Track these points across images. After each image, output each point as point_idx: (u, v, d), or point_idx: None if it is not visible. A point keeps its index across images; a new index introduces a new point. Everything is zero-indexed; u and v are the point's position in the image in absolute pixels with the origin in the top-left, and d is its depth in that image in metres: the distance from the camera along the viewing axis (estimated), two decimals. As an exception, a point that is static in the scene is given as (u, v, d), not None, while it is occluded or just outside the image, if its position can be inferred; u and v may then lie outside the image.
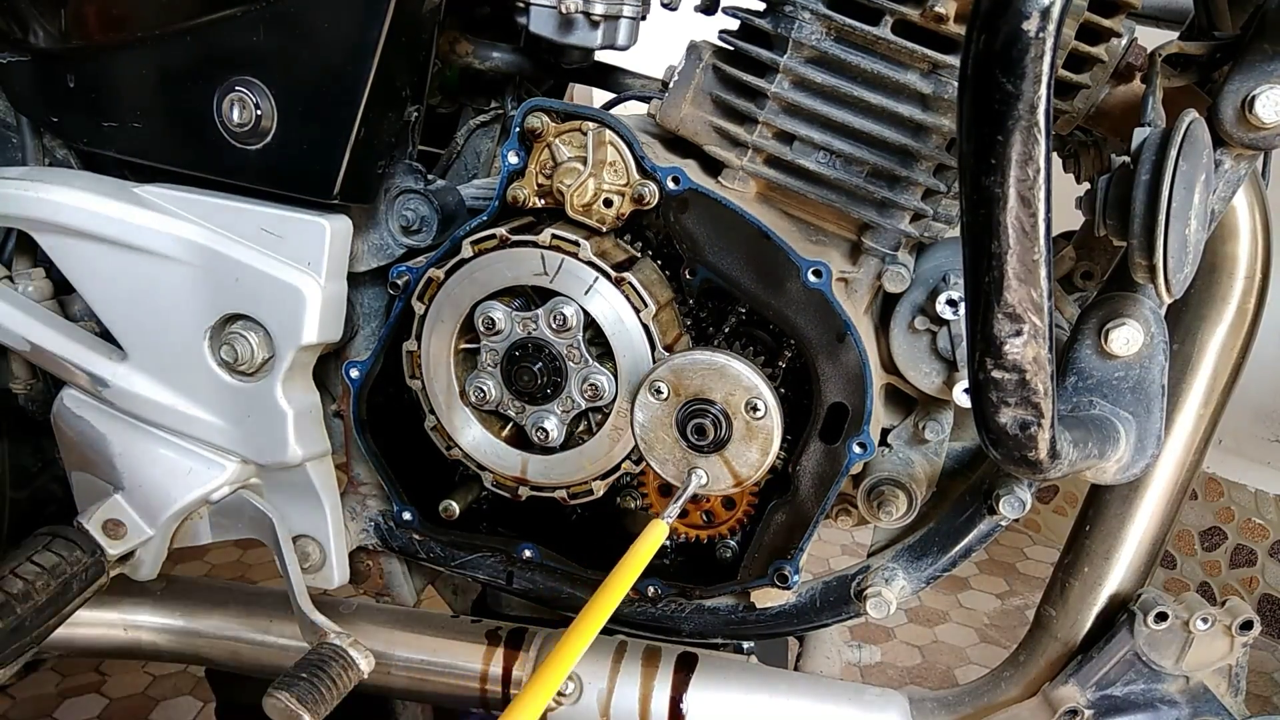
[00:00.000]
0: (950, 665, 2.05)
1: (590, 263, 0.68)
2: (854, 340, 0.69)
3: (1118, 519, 0.82)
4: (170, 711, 1.78)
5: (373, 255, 0.78)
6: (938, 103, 0.65)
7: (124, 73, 0.75)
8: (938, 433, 0.77)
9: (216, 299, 0.75)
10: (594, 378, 0.70)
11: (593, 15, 0.79)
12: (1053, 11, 0.43)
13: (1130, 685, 0.81)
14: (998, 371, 0.53)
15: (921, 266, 0.73)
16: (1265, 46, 0.60)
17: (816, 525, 0.74)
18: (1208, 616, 0.79)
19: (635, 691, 0.83)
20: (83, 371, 0.79)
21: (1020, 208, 0.47)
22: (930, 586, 0.81)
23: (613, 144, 0.69)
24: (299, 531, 0.83)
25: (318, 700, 0.72)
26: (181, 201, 0.75)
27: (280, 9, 0.69)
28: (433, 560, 0.86)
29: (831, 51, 0.66)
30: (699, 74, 0.71)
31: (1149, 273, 0.56)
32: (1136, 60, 0.68)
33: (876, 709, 0.84)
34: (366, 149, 0.72)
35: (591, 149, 0.69)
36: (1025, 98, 0.44)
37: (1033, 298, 0.50)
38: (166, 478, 0.81)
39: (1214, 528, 2.29)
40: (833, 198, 0.69)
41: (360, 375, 0.78)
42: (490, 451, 0.75)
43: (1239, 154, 0.64)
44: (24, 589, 0.75)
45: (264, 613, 0.92)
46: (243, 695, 1.10)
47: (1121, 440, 0.68)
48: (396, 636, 0.90)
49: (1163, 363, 0.68)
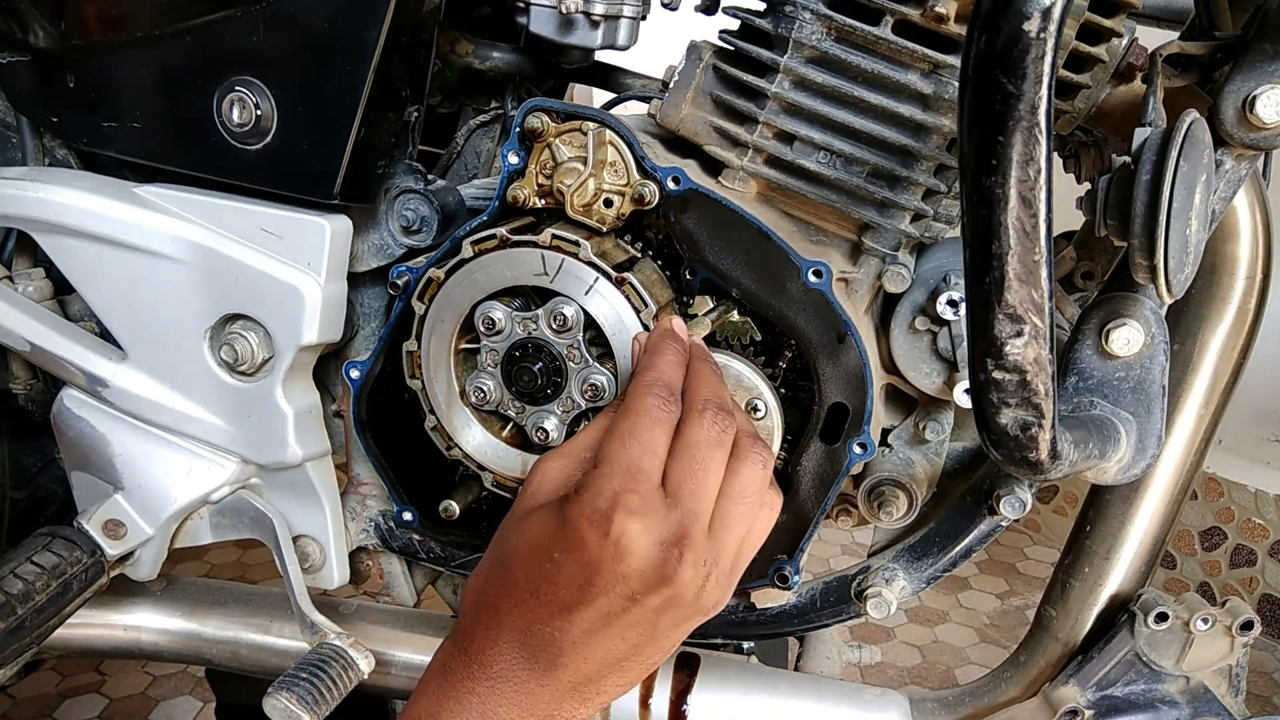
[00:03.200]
0: (950, 665, 2.05)
1: (590, 263, 0.68)
2: (854, 340, 0.69)
3: (1118, 519, 0.82)
4: (170, 711, 1.78)
5: (373, 255, 0.78)
6: (938, 103, 0.65)
7: (124, 73, 0.75)
8: (938, 433, 0.77)
9: (216, 299, 0.75)
10: (594, 378, 0.70)
11: (593, 15, 0.79)
12: (1054, 12, 0.43)
13: (1130, 685, 0.81)
14: (998, 372, 0.53)
15: (922, 267, 0.73)
16: (1266, 46, 0.60)
17: (817, 525, 0.74)
18: (1208, 617, 0.79)
19: (636, 691, 0.83)
20: (83, 371, 0.79)
21: (1021, 208, 0.47)
22: (930, 586, 0.81)
23: (613, 144, 0.69)
24: (299, 531, 0.83)
25: (318, 701, 0.72)
26: (181, 201, 0.75)
27: (280, 9, 0.69)
28: (433, 560, 0.86)
29: (832, 51, 0.66)
30: (699, 74, 0.71)
31: (1149, 273, 0.56)
32: (1137, 60, 0.68)
33: (876, 709, 0.84)
34: (366, 149, 0.72)
35: (592, 149, 0.69)
36: (1026, 98, 0.44)
37: (1034, 298, 0.49)
38: (166, 478, 0.81)
39: (1214, 528, 2.29)
40: (833, 198, 0.69)
41: (360, 375, 0.78)
42: (490, 451, 0.75)
43: (1240, 154, 0.64)
44: (24, 589, 0.75)
45: (264, 613, 0.92)
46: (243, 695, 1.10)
47: (1122, 440, 0.68)
48: (396, 636, 0.90)
49: (1163, 363, 0.68)
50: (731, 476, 0.58)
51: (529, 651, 0.56)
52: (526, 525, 0.58)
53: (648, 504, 0.55)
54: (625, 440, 0.57)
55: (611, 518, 0.54)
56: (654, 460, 0.56)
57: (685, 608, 0.57)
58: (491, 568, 0.59)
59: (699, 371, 0.63)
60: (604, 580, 0.54)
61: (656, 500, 0.55)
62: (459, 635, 0.59)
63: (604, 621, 0.55)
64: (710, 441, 0.58)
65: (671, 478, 0.57)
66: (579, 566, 0.55)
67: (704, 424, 0.58)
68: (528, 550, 0.57)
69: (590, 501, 0.55)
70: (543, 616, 0.56)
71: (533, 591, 0.56)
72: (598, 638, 0.56)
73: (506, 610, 0.57)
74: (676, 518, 0.55)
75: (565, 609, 0.55)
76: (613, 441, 0.57)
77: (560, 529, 0.55)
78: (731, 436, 0.59)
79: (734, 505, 0.58)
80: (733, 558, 0.58)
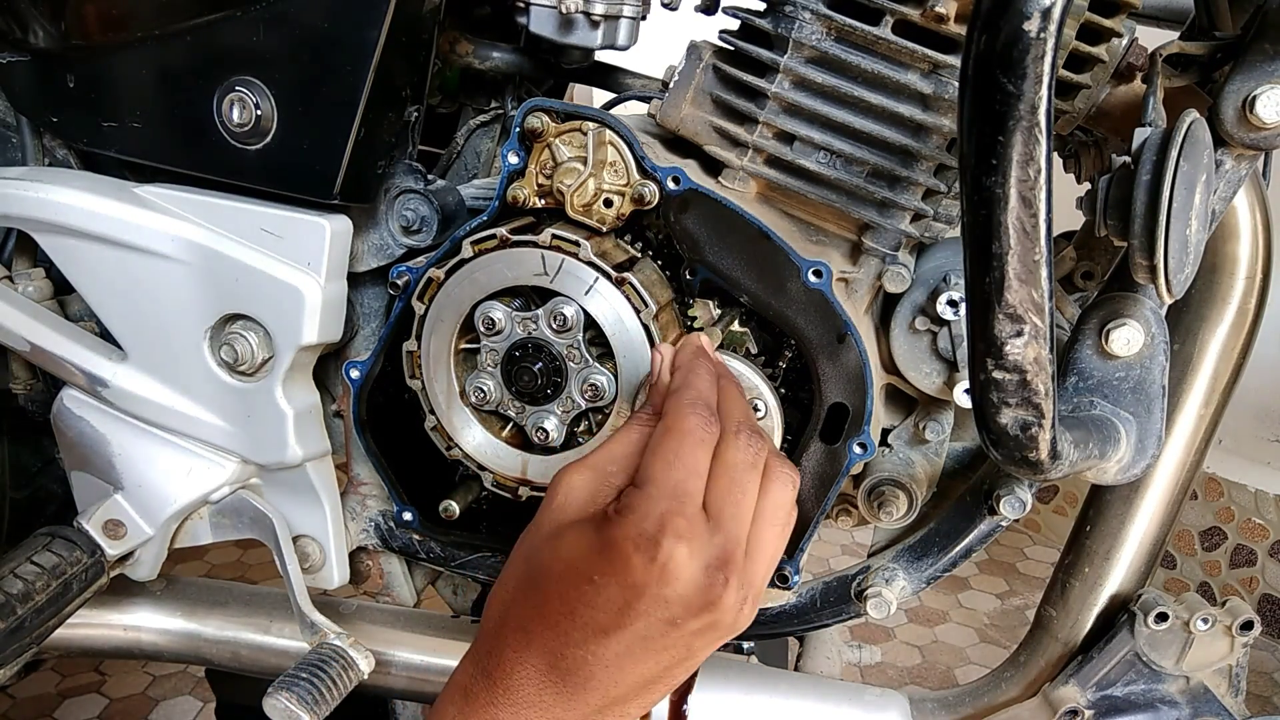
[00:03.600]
0: (950, 665, 2.05)
1: (590, 263, 0.68)
2: (854, 340, 0.69)
3: (1118, 519, 0.82)
4: (170, 711, 1.78)
5: (373, 255, 0.78)
6: (938, 103, 0.65)
7: (124, 73, 0.75)
8: (938, 433, 0.77)
9: (216, 299, 0.75)
10: (594, 378, 0.70)
11: (593, 15, 0.79)
12: (1054, 12, 0.43)
13: (1131, 685, 0.81)
14: (998, 372, 0.53)
15: (922, 267, 0.73)
16: (1266, 46, 0.60)
17: (817, 525, 0.74)
18: (1208, 617, 0.79)
19: (635, 692, 0.83)
20: (83, 371, 0.79)
21: (1021, 208, 0.47)
22: (930, 586, 0.81)
23: (613, 144, 0.69)
24: (299, 531, 0.83)
25: (318, 701, 0.72)
26: (181, 201, 0.75)
27: (280, 9, 0.69)
28: (433, 560, 0.86)
29: (832, 51, 0.66)
30: (699, 74, 0.71)
31: (1150, 273, 0.56)
32: (1137, 60, 0.68)
33: (876, 709, 0.84)
34: (366, 149, 0.72)
35: (592, 149, 0.69)
36: (1026, 98, 0.44)
37: (1034, 298, 0.49)
38: (166, 478, 0.81)
39: (1214, 528, 2.29)
40: (833, 198, 0.69)
41: (360, 375, 0.78)
42: (490, 452, 0.75)
43: (1240, 154, 0.64)
44: (24, 589, 0.75)
45: (264, 613, 0.92)
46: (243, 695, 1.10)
47: (1122, 440, 0.68)
48: (396, 636, 0.90)
49: (1163, 363, 0.68)
50: (764, 497, 0.58)
51: (559, 675, 0.55)
52: (560, 544, 0.56)
53: (694, 528, 0.53)
54: (670, 461, 0.55)
55: (659, 541, 0.52)
56: (698, 482, 0.55)
57: (723, 630, 0.56)
58: (519, 585, 0.57)
59: (729, 391, 0.62)
60: (646, 604, 0.53)
61: (701, 524, 0.54)
62: (481, 656, 0.57)
63: (641, 645, 0.54)
64: (747, 464, 0.57)
65: (712, 501, 0.55)
66: (620, 589, 0.53)
67: (740, 445, 0.57)
68: (563, 570, 0.55)
69: (637, 524, 0.53)
70: (577, 640, 0.54)
71: (568, 614, 0.54)
72: (631, 661, 0.55)
73: (538, 632, 0.55)
74: (720, 542, 0.54)
75: (602, 632, 0.54)
76: (657, 461, 0.55)
77: (601, 551, 0.54)
78: (764, 457, 0.58)
79: (768, 527, 0.57)
80: (764, 579, 0.58)
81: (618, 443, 0.60)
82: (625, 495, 0.55)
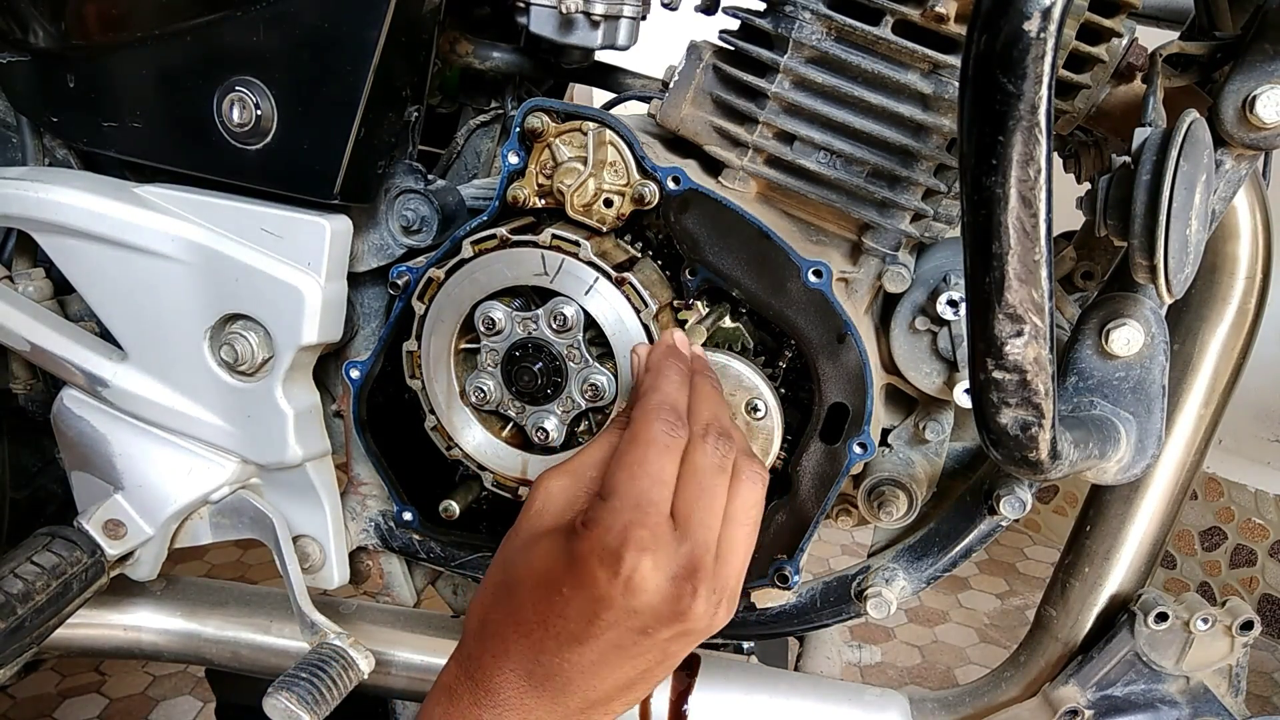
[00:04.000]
0: (950, 665, 2.05)
1: (590, 263, 0.68)
2: (854, 340, 0.69)
3: (1118, 519, 0.82)
4: (170, 711, 1.78)
5: (373, 255, 0.78)
6: (938, 103, 0.65)
7: (124, 72, 0.75)
8: (938, 433, 0.77)
9: (216, 299, 0.75)
10: (594, 378, 0.70)
11: (593, 15, 0.79)
12: (1054, 11, 0.43)
13: (1131, 685, 0.81)
14: (998, 372, 0.53)
15: (922, 267, 0.73)
16: (1266, 46, 0.60)
17: (817, 525, 0.74)
18: (1208, 617, 0.79)
19: (635, 692, 0.83)
20: (83, 371, 0.79)
21: (1021, 208, 0.47)
22: (930, 586, 0.81)
23: (613, 144, 0.69)
24: (299, 531, 0.83)
25: (318, 701, 0.72)
26: (181, 201, 0.75)
27: (280, 9, 0.69)
28: (433, 560, 0.86)
29: (832, 51, 0.66)
30: (699, 74, 0.71)
31: (1150, 273, 0.56)
32: (1137, 60, 0.68)
33: (876, 709, 0.84)
34: (367, 149, 0.72)
35: (592, 149, 0.69)
36: (1026, 98, 0.44)
37: (1034, 298, 0.49)
38: (166, 478, 0.81)
39: (1214, 528, 2.29)
40: (833, 198, 0.69)
41: (360, 375, 0.78)
42: (491, 452, 0.75)
43: (1240, 154, 0.64)
44: (24, 589, 0.75)
45: (264, 613, 0.92)
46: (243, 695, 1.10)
47: (1122, 440, 0.68)
48: (396, 636, 0.90)
49: (1163, 363, 0.68)
50: (733, 499, 0.58)
51: (536, 680, 0.55)
52: (533, 554, 0.56)
53: (658, 538, 0.53)
54: (634, 471, 0.55)
55: (622, 555, 0.52)
56: (663, 491, 0.55)
57: (698, 635, 0.56)
58: (496, 592, 0.58)
59: (701, 390, 0.62)
60: (614, 616, 0.53)
61: (666, 533, 0.54)
62: (464, 659, 0.58)
63: (615, 653, 0.55)
64: (714, 467, 0.57)
65: (680, 507, 0.55)
66: (588, 602, 0.53)
67: (707, 449, 0.57)
68: (535, 581, 0.56)
69: (600, 538, 0.53)
70: (551, 648, 0.55)
71: (541, 623, 0.55)
72: (606, 668, 0.55)
73: (514, 639, 0.56)
74: (687, 550, 0.54)
75: (575, 640, 0.54)
76: (620, 472, 0.55)
77: (569, 564, 0.54)
78: (733, 459, 0.58)
79: (738, 529, 0.57)
80: (738, 579, 0.58)
81: (597, 447, 0.60)
82: (591, 508, 0.55)
